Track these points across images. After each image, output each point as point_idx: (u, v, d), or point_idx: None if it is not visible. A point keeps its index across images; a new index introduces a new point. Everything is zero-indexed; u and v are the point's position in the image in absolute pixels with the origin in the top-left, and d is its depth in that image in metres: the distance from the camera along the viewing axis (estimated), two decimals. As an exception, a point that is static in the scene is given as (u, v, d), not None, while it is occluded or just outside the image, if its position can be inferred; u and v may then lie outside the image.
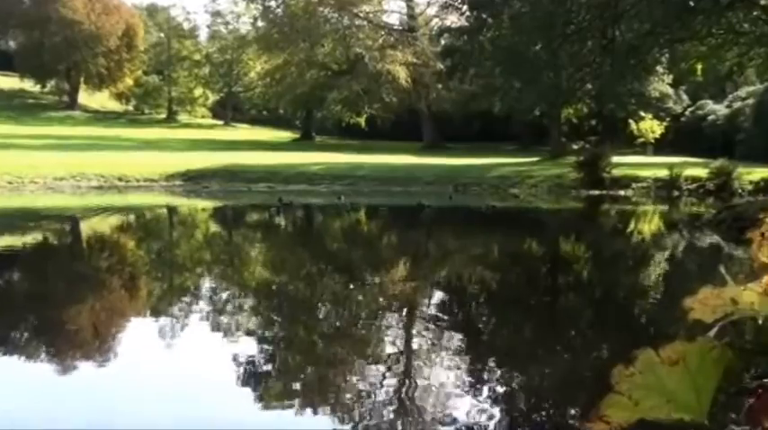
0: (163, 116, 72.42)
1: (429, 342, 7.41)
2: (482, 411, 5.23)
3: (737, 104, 42.17)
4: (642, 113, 44.01)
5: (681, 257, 13.96)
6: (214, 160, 33.75)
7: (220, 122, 72.18)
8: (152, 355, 6.79)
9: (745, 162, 29.76)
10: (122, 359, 6.73)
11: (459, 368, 6.38)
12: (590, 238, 17.50)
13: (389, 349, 7.07)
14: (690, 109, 46.48)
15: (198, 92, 73.25)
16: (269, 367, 6.46)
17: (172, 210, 23.18)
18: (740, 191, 26.40)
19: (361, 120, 58.11)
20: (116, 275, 11.06)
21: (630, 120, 44.53)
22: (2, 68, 70.36)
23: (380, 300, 9.53)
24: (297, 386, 5.92)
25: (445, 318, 8.63)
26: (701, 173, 28.15)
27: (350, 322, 8.35)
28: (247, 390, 5.77)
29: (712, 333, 1.63)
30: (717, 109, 44.11)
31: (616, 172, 29.35)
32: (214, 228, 18.95)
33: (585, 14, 28.93)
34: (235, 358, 6.67)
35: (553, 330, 8.18)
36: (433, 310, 9.06)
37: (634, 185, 28.48)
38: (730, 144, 37.40)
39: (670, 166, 28.78)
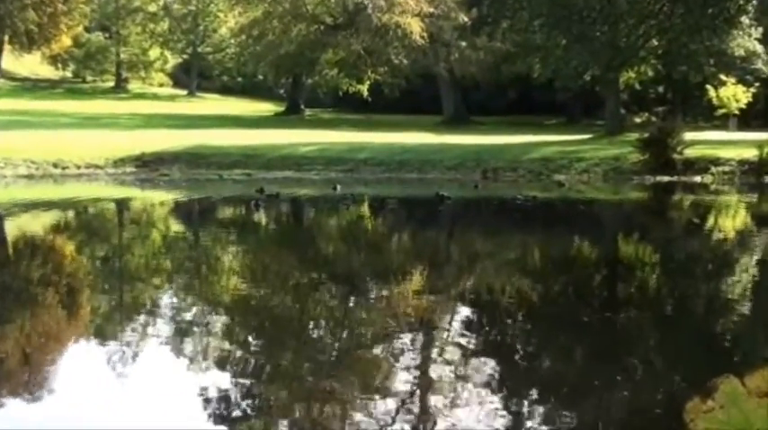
0: (110, 84, 72.67)
1: (452, 373, 7.41)
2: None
3: None
4: (723, 77, 43.70)
5: (774, 262, 14.05)
6: (175, 140, 33.78)
7: (183, 92, 72.36)
8: (97, 392, 6.80)
9: None
10: (59, 396, 6.75)
11: (490, 406, 6.38)
12: (657, 238, 17.48)
13: (401, 383, 7.07)
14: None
15: (154, 53, 73.43)
16: (246, 407, 6.47)
17: (122, 204, 23.31)
18: None
19: (363, 89, 58.15)
20: (51, 290, 11.00)
21: (708, 86, 44.22)
22: None
23: (389, 319, 9.52)
24: None
25: (472, 341, 8.62)
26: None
27: (350, 348, 8.37)
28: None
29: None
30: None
31: (690, 152, 29.28)
32: (176, 227, 18.99)
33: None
34: (202, 394, 6.69)
35: (611, 355, 8.17)
36: (456, 332, 9.05)
37: (713, 169, 28.43)
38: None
39: (760, 145, 28.67)
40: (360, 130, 43.15)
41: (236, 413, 6.35)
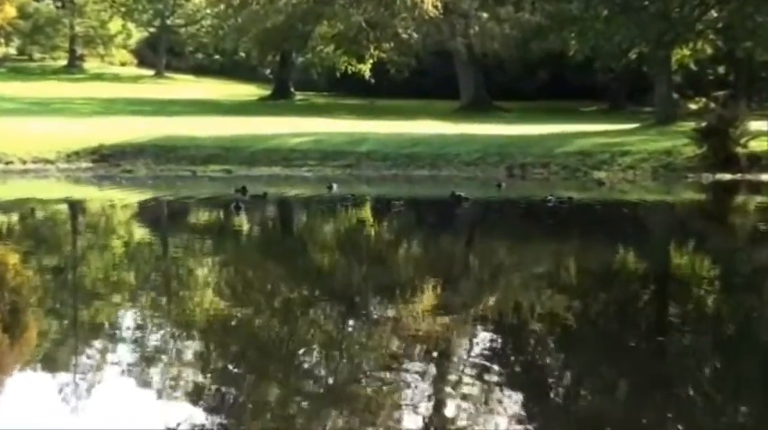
0: (62, 63, 72.80)
1: (471, 411, 7.38)
2: None
3: None
4: (796, 55, 43.60)
5: None
6: (141, 130, 33.79)
7: (149, 72, 72.41)
8: (46, 430, 6.80)
9: None
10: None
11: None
12: (718, 248, 17.41)
13: (409, 423, 7.06)
14: None
15: (115, 26, 73.48)
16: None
17: (76, 206, 23.30)
18: None
19: (365, 69, 58.11)
20: (-9, 307, 11.15)
21: (778, 66, 44.18)
22: None
23: (395, 345, 9.49)
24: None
25: (496, 372, 8.58)
26: None
27: (348, 380, 8.33)
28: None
29: None
30: None
31: (756, 145, 29.26)
32: (141, 234, 18.98)
33: None
34: (172, 435, 6.70)
35: (663, 388, 8.13)
36: (476, 360, 9.01)
37: (785, 166, 28.48)
38: None
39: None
40: (361, 118, 43.10)
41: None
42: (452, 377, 8.41)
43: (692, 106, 46.70)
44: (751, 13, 37.26)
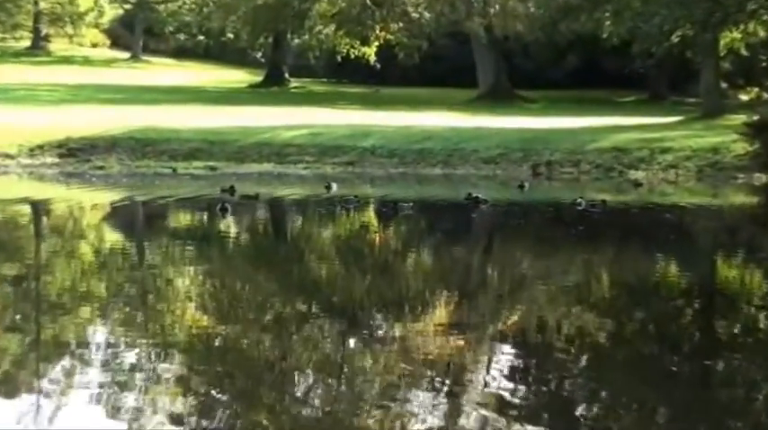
0: (25, 44, 72.94)
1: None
2: None
3: None
4: None
5: None
6: (114, 121, 33.85)
7: (124, 55, 72.57)
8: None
9: None
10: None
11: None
12: (772, 259, 17.44)
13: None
14: None
15: (85, 2, 73.60)
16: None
17: (39, 207, 23.37)
18: None
19: (370, 52, 58.14)
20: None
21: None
22: None
23: (403, 367, 9.46)
24: None
25: (517, 399, 8.58)
26: None
27: (349, 409, 8.31)
28: None
29: None
30: None
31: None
32: (113, 240, 18.99)
33: None
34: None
35: (708, 418, 8.13)
36: (495, 385, 9.00)
37: None
38: None
39: None
40: (365, 109, 43.14)
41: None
42: (467, 408, 8.37)
43: (743, 97, 46.66)
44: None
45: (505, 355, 10.27)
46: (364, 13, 55.17)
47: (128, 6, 75.25)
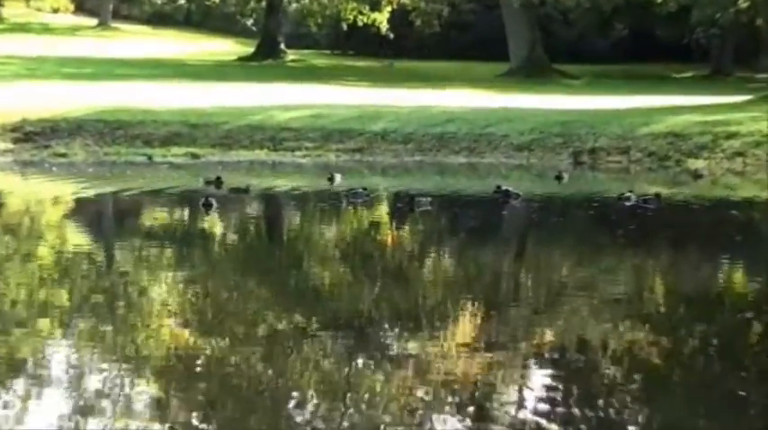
0: (-26, 10, 73.09)
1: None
2: None
3: None
4: None
5: None
6: (79, 100, 33.78)
7: (91, 22, 72.56)
8: None
9: None
10: None
11: None
12: None
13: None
14: None
15: (46, -40, 73.74)
16: None
17: (-8, 202, 23.53)
18: None
19: (382, 20, 58.04)
20: None
21: None
22: None
23: (419, 392, 9.45)
24: None
25: (556, 428, 8.58)
26: None
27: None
28: None
29: None
30: None
31: None
32: (77, 240, 18.96)
33: None
34: None
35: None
36: (528, 414, 8.99)
37: None
38: None
39: None
40: (375, 86, 43.06)
41: None
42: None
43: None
44: None
45: (541, 379, 10.23)
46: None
47: (95, -35, 75.29)
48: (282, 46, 62.22)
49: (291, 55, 61.84)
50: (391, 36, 57.91)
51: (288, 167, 28.28)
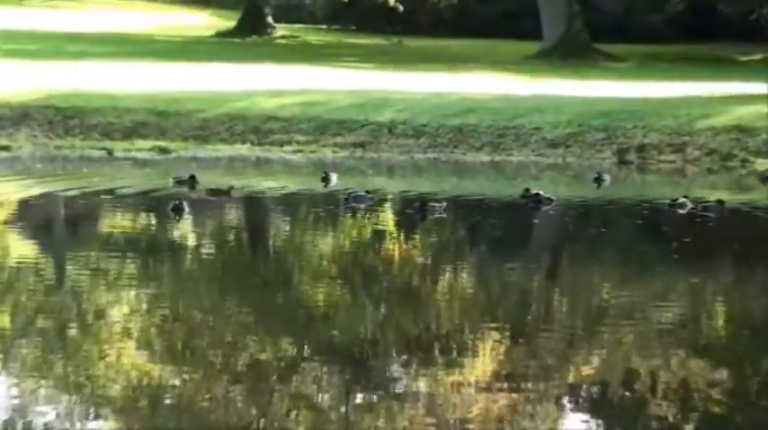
0: None
1: None
2: None
3: None
4: None
5: None
6: (25, 83, 33.75)
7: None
8: None
9: None
10: None
11: None
12: None
13: None
14: None
15: None
16: None
17: None
18: None
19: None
20: None
21: None
22: None
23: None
24: None
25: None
26: None
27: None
28: None
29: None
30: None
31: None
32: (22, 251, 18.96)
33: None
34: None
35: None
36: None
37: None
38: None
39: None
40: (381, 68, 42.93)
41: None
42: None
43: None
44: None
45: (577, 419, 10.25)
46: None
47: None
48: (270, 19, 62.15)
49: (281, 30, 61.77)
50: (400, 8, 57.90)
51: (275, 165, 28.26)
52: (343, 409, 10.40)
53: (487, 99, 33.59)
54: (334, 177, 24.82)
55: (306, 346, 12.72)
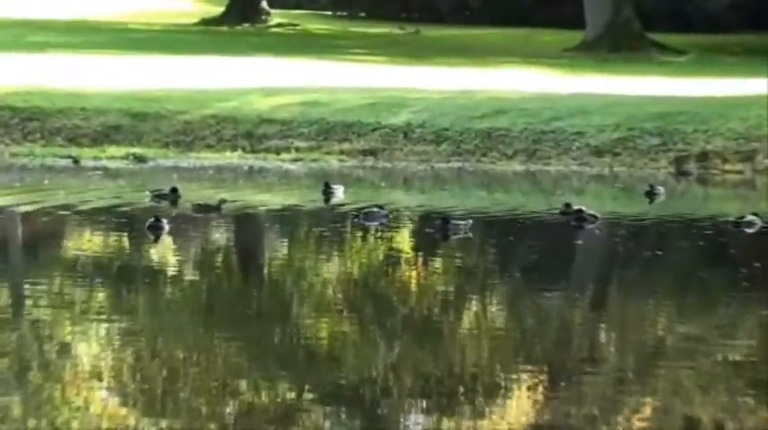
0: None
1: None
2: None
3: None
4: None
5: None
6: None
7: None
8: None
9: None
10: None
11: None
12: None
13: None
14: None
15: None
16: None
17: None
18: None
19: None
20: None
21: None
22: None
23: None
24: None
25: None
26: None
27: None
28: None
29: None
30: None
31: None
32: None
33: None
34: None
35: None
36: None
37: None
38: None
39: None
40: (395, 62, 43.05)
41: None
42: None
43: None
44: None
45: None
46: None
47: None
48: (264, 4, 62.36)
49: (277, 17, 62.00)
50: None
51: (271, 176, 28.28)
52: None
53: (521, 98, 33.61)
54: (339, 191, 24.77)
55: (307, 392, 12.69)
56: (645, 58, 48.19)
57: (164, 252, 20.13)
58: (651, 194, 26.13)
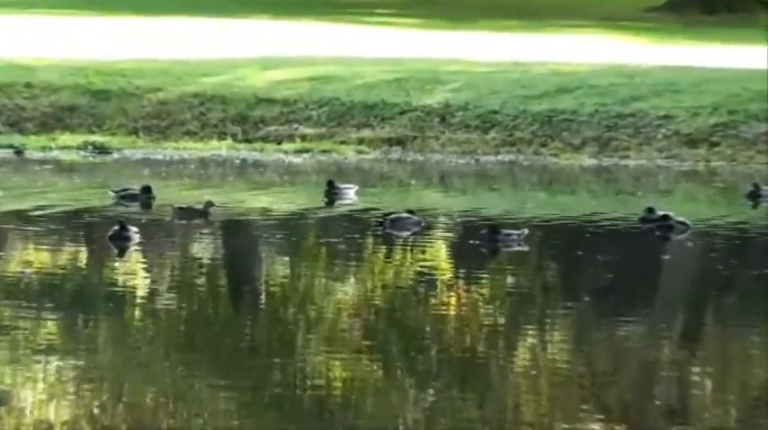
0: None
1: None
2: None
3: None
4: None
5: None
6: None
7: None
8: None
9: None
10: None
11: None
12: None
13: None
14: None
15: None
16: None
17: None
18: None
19: None
20: None
21: None
22: None
23: None
24: None
25: None
26: None
27: None
28: None
29: None
30: None
31: None
32: None
33: None
34: None
35: None
36: None
37: None
38: None
39: None
40: (427, 26, 43.28)
41: None
42: None
43: None
44: None
45: None
46: None
47: None
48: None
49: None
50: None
51: (270, 171, 28.29)
52: None
53: (590, 73, 33.68)
54: (350, 192, 24.66)
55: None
56: (748, 20, 48.22)
57: (132, 269, 20.04)
58: (755, 195, 26.05)
